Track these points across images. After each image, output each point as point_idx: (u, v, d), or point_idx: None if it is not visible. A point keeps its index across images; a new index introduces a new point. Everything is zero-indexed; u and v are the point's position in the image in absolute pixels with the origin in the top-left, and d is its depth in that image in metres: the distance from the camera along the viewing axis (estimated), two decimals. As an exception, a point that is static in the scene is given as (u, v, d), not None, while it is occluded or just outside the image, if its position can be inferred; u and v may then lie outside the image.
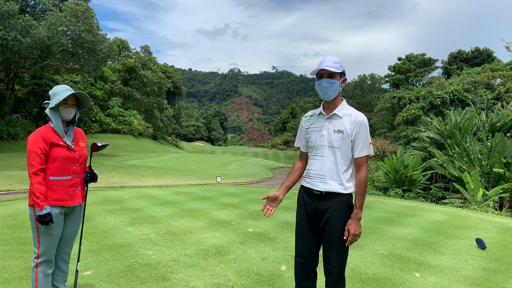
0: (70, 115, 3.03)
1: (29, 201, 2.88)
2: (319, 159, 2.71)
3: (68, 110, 3.00)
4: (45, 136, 2.88)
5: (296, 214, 2.90)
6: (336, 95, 2.69)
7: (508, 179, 14.56)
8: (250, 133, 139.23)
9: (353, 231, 2.54)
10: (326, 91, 2.64)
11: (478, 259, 4.98)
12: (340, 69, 2.65)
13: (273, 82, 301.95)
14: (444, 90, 32.59)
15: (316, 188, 2.69)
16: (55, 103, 2.93)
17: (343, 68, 2.69)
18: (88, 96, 3.19)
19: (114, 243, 5.10)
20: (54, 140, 2.91)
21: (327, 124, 2.70)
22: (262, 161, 39.15)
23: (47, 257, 2.91)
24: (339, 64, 2.66)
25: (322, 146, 2.71)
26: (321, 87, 2.66)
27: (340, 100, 2.73)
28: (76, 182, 3.03)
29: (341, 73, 2.67)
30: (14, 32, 24.62)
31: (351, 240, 2.55)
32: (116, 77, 53.11)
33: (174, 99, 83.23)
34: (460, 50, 55.30)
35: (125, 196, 9.25)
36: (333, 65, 2.63)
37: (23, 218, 6.37)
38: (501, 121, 21.94)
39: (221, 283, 3.84)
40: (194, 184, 15.35)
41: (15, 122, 31.53)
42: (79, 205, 3.11)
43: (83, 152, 3.13)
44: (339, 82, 2.66)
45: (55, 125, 2.96)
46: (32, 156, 2.81)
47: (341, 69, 2.66)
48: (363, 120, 2.63)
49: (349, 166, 2.66)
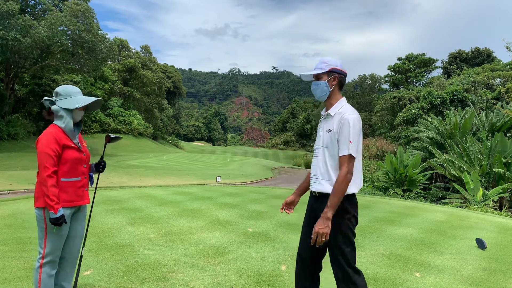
0: (80, 117, 3.08)
1: (39, 203, 2.87)
2: (315, 160, 2.72)
3: (80, 113, 3.05)
4: (58, 138, 2.87)
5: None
6: (329, 95, 2.68)
7: (508, 179, 14.56)
8: (250, 133, 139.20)
9: (316, 229, 2.48)
10: (314, 93, 2.71)
11: (478, 259, 4.97)
12: (326, 68, 2.64)
13: (273, 82, 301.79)
14: (444, 90, 32.58)
15: (312, 188, 2.72)
16: (76, 106, 2.93)
17: (332, 66, 2.64)
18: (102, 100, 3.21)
19: (114, 243, 5.10)
20: (66, 142, 2.90)
21: (323, 124, 2.72)
22: (262, 161, 39.14)
23: (53, 258, 2.91)
24: (326, 64, 2.65)
25: (318, 146, 2.71)
26: (311, 90, 2.73)
27: (336, 99, 2.68)
28: (84, 182, 3.07)
29: (329, 71, 2.64)
30: (14, 32, 24.60)
31: (314, 238, 2.50)
32: (116, 77, 53.09)
33: (174, 99, 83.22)
34: (460, 50, 55.30)
35: (125, 196, 9.25)
36: (318, 66, 2.66)
37: (23, 218, 6.37)
38: (501, 121, 21.93)
39: (221, 283, 3.84)
40: (194, 184, 15.35)
41: (15, 122, 31.51)
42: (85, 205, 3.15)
43: (88, 153, 3.16)
44: (325, 82, 2.65)
45: (66, 126, 2.93)
46: (45, 158, 2.79)
47: (328, 67, 2.64)
48: (347, 118, 2.53)
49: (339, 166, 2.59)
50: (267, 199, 9.52)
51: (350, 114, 2.56)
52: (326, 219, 2.47)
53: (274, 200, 9.49)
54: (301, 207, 8.91)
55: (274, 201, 9.32)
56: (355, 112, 2.60)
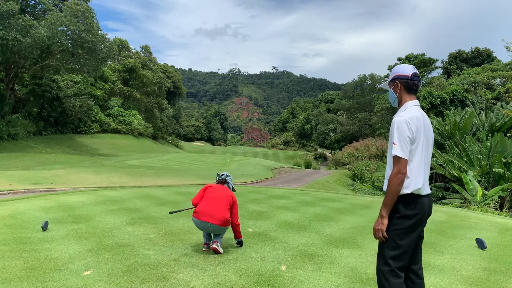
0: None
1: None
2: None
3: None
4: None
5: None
6: (397, 101, 2.91)
7: (508, 179, 14.56)
8: (250, 133, 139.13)
9: (374, 225, 2.75)
10: (390, 101, 3.05)
11: (478, 259, 4.98)
12: (390, 78, 2.94)
13: (273, 82, 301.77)
14: (444, 90, 32.58)
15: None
16: None
17: (395, 73, 2.91)
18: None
19: (114, 243, 5.10)
20: None
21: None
22: (262, 161, 39.13)
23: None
24: (392, 73, 2.95)
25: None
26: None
27: (403, 104, 2.87)
28: None
29: (393, 79, 2.92)
30: (14, 32, 24.61)
31: (373, 233, 2.77)
32: (116, 77, 53.04)
33: (174, 99, 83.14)
34: (460, 50, 55.34)
35: (125, 196, 9.25)
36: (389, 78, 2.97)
37: (23, 218, 6.37)
38: (501, 121, 21.94)
39: (221, 283, 3.84)
40: (194, 184, 15.35)
41: (15, 122, 31.46)
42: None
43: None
44: (391, 90, 2.94)
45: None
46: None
47: (392, 76, 2.93)
48: (393, 120, 2.74)
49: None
50: (267, 199, 9.51)
51: (397, 116, 2.74)
52: (380, 216, 2.71)
53: (274, 200, 9.48)
54: (301, 207, 8.88)
55: (274, 201, 9.32)
56: (407, 115, 2.72)
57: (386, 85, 3.01)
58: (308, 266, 4.46)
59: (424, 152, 2.73)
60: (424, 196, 2.73)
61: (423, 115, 2.78)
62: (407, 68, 2.86)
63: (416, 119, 2.69)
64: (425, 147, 2.75)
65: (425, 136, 2.74)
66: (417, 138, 2.68)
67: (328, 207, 8.54)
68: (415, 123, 2.68)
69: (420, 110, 2.81)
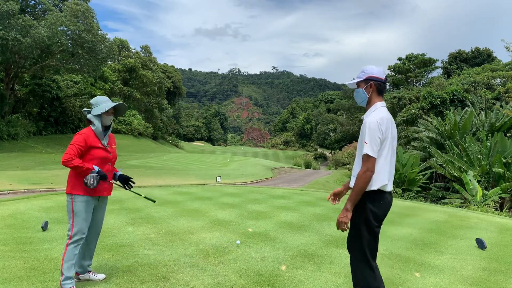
0: (109, 122, 3.68)
1: (67, 189, 3.51)
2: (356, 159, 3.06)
3: (109, 118, 3.66)
4: (87, 138, 3.52)
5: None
6: (366, 101, 2.97)
7: (508, 179, 14.56)
8: (250, 133, 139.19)
9: (338, 217, 2.85)
10: (356, 99, 3.08)
11: (478, 259, 4.98)
12: (363, 77, 2.94)
13: (273, 82, 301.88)
14: (444, 90, 32.56)
15: (350, 184, 3.01)
16: (101, 111, 3.56)
17: (369, 74, 2.91)
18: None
19: (114, 243, 5.10)
20: (93, 143, 3.54)
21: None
22: (262, 161, 39.14)
23: (79, 237, 3.48)
24: (364, 73, 2.96)
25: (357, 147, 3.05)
26: (353, 97, 3.15)
27: (372, 105, 2.94)
28: (109, 177, 3.69)
29: (366, 79, 2.93)
30: (14, 32, 24.59)
31: (336, 224, 2.87)
32: (116, 77, 53.03)
33: (174, 99, 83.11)
34: (460, 50, 55.35)
35: (125, 196, 9.24)
36: (359, 75, 2.99)
37: (23, 218, 6.37)
38: (501, 121, 21.93)
39: (221, 283, 3.84)
40: (194, 184, 15.35)
41: (15, 122, 31.45)
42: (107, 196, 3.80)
43: (115, 154, 3.82)
44: (362, 89, 2.96)
45: (96, 129, 3.58)
46: (73, 148, 3.42)
47: (365, 76, 2.94)
48: (365, 121, 2.83)
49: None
50: (267, 199, 9.52)
51: (369, 117, 2.81)
52: (345, 210, 2.81)
53: (274, 200, 9.48)
54: (301, 207, 8.91)
55: (274, 201, 9.32)
56: (378, 115, 2.80)
57: (354, 84, 3.03)
58: (308, 266, 4.46)
59: (390, 151, 2.86)
60: (387, 192, 2.87)
61: (390, 115, 2.91)
62: (381, 71, 2.95)
63: (385, 120, 2.81)
64: (391, 147, 2.87)
65: (392, 136, 2.86)
66: (386, 138, 2.80)
67: (328, 207, 8.54)
68: (385, 124, 2.79)
69: (387, 111, 2.93)
